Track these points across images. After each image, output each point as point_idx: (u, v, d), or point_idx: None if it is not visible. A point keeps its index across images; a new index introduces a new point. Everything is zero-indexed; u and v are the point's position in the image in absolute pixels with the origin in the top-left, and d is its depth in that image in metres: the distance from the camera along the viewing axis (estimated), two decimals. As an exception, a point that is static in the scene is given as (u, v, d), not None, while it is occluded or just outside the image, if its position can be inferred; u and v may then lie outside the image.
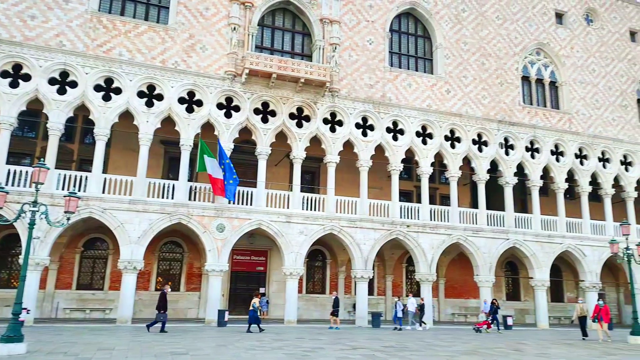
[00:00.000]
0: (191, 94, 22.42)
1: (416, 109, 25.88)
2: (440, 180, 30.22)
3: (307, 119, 24.13)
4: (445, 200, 28.62)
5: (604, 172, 29.18)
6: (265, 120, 23.41)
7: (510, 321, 24.65)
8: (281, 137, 23.75)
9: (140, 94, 21.63)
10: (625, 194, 29.42)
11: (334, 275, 28.36)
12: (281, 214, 22.66)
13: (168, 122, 22.09)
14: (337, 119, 24.64)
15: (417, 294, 25.33)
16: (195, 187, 22.10)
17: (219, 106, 22.73)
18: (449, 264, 29.56)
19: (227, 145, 22.10)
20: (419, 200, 26.24)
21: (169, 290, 18.70)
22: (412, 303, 22.52)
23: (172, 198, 21.31)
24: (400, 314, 21.95)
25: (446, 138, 26.37)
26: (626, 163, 30.04)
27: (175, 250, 25.91)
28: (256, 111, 23.33)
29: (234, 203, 22.00)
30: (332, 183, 23.79)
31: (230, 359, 10.96)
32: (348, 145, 24.66)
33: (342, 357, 11.65)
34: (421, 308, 22.86)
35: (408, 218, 24.94)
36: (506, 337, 19.69)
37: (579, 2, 31.38)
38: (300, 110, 24.10)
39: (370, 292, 26.49)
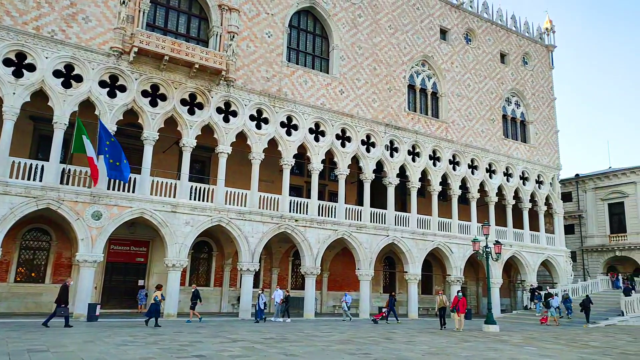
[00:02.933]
0: (69, 67, 20.44)
1: (311, 106, 26.44)
2: (329, 177, 31.23)
3: (200, 106, 23.37)
4: (333, 196, 29.68)
5: (472, 178, 32.48)
6: (154, 103, 22.19)
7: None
8: (171, 123, 22.71)
9: (7, 62, 19.22)
10: (488, 199, 33.07)
11: (219, 268, 27.90)
12: (167, 203, 21.69)
13: (40, 96, 19.91)
14: (231, 109, 24.22)
15: (284, 286, 25.91)
16: (69, 169, 20.20)
17: (102, 84, 21.05)
18: (333, 258, 30.73)
19: (110, 127, 20.54)
20: (308, 196, 26.87)
21: (71, 283, 17.61)
22: (278, 295, 22.73)
23: (41, 180, 19.26)
24: (262, 306, 21.62)
25: (337, 137, 27.32)
26: (490, 171, 33.75)
27: (41, 238, 23.46)
28: (144, 93, 22.02)
29: (126, 184, 20.78)
30: (222, 174, 23.36)
31: (97, 355, 10.25)
32: (241, 136, 24.38)
33: (221, 350, 11.54)
34: (286, 300, 23.01)
35: (297, 212, 25.41)
36: (380, 326, 21.02)
37: (461, 22, 34.47)
38: (193, 96, 23.26)
39: (256, 285, 26.55)
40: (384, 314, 24.06)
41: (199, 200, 22.75)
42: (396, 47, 30.68)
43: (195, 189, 22.87)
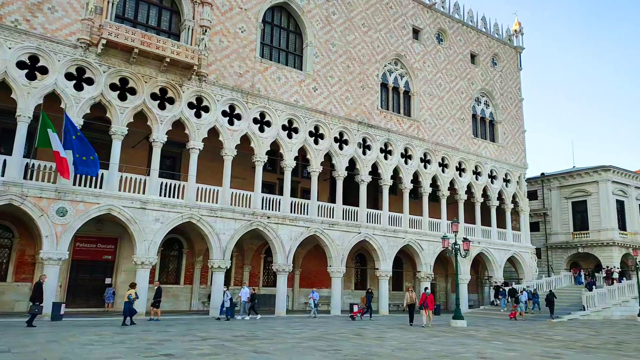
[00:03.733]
0: (34, 58, 19.76)
1: (284, 102, 26.33)
2: (302, 175, 31.20)
3: (171, 101, 22.98)
4: (306, 193, 29.68)
5: (442, 176, 33.03)
6: (123, 97, 21.69)
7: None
8: (141, 117, 22.25)
9: (-34, 51, 18.41)
10: (457, 197, 33.72)
11: (190, 265, 27.54)
12: (136, 200, 21.25)
13: (3, 88, 19.20)
14: (203, 104, 23.91)
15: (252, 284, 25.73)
16: (33, 164, 19.54)
17: (69, 76, 20.44)
18: (305, 255, 30.77)
19: (76, 121, 19.97)
20: (281, 193, 26.81)
21: (46, 280, 17.27)
22: (245, 293, 22.39)
23: (3, 175, 18.57)
24: (228, 304, 21.19)
25: (310, 134, 27.32)
26: (460, 169, 34.40)
27: (3, 235, 22.63)
28: (113, 87, 21.50)
29: (93, 180, 20.24)
30: (194, 170, 23.05)
31: (61, 355, 9.98)
32: (213, 132, 24.10)
33: (190, 349, 11.41)
34: (252, 298, 22.50)
35: (269, 209, 25.30)
36: (350, 323, 21.19)
37: (433, 22, 34.95)
38: (163, 91, 22.84)
39: (227, 283, 26.35)
40: (362, 311, 24.34)
41: (169, 196, 22.38)
42: (369, 45, 30.87)
43: (166, 185, 22.48)
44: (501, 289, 31.88)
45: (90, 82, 20.88)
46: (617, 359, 12.20)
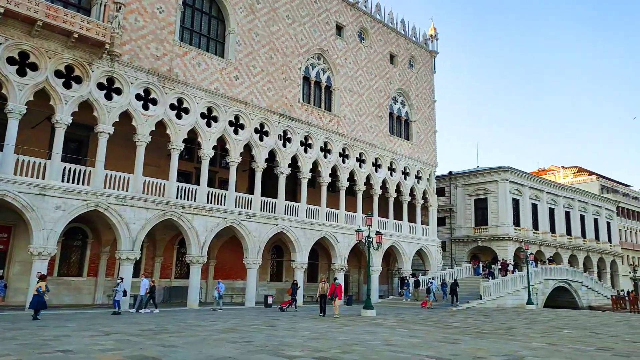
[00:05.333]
0: None
1: (204, 89, 25.58)
2: (221, 164, 30.58)
3: (78, 80, 21.37)
4: (224, 184, 29.14)
5: (359, 171, 34.07)
6: (22, 73, 19.80)
7: (270, 300, 26.70)
8: (43, 96, 20.48)
9: None
10: (373, 191, 34.99)
11: (95, 257, 25.91)
12: (34, 185, 19.55)
13: None
14: (115, 86, 22.53)
15: (149, 274, 24.95)
16: None
17: (-44, 45, 18.24)
18: (221, 246, 30.26)
19: (-36, 96, 17.91)
20: (197, 182, 26.07)
21: None
22: (143, 285, 21.16)
23: None
24: (120, 297, 20.02)
25: (230, 123, 26.83)
26: (376, 165, 35.70)
27: None
28: (11, 60, 19.56)
29: None
30: (102, 155, 21.68)
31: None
32: (126, 116, 22.81)
33: (91, 344, 10.78)
34: (151, 290, 21.44)
35: (185, 199, 24.52)
36: (262, 314, 21.24)
37: (356, 20, 35.77)
38: (70, 68, 21.17)
39: (136, 275, 25.19)
40: (290, 302, 24.63)
41: (73, 182, 20.85)
42: (293, 37, 30.88)
43: (70, 171, 20.91)
44: (406, 280, 33.78)
45: (-18, 53, 18.80)
46: (506, 342, 13.45)
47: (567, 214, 53.81)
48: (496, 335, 15.32)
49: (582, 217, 56.19)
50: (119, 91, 22.58)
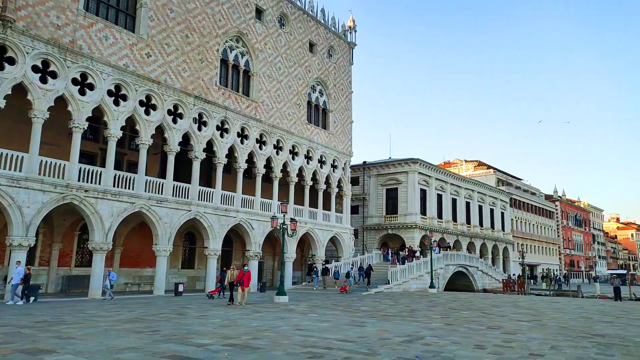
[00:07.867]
0: None
1: (111, 65, 23.90)
2: (129, 146, 28.92)
3: (-39, 45, 18.95)
4: (132, 167, 27.61)
5: (276, 158, 34.00)
6: None
7: (181, 288, 25.91)
8: None
9: None
10: (289, 179, 35.14)
11: (-19, 243, 23.35)
12: None
13: None
14: (7, 55, 20.32)
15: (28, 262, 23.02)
16: None
17: None
18: (128, 232, 28.74)
19: None
20: (103, 165, 24.43)
21: None
22: (17, 273, 19.25)
23: None
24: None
25: (141, 103, 25.41)
26: (293, 153, 35.85)
27: None
28: None
29: None
30: (-10, 131, 19.51)
31: None
32: (20, 89, 20.69)
33: (-26, 339, 9.75)
34: (26, 279, 19.49)
35: (88, 182, 22.87)
36: (172, 302, 20.59)
37: (276, 5, 35.36)
38: (-50, 31, 18.69)
39: (31, 262, 23.18)
40: (219, 289, 24.46)
41: (-46, 160, 18.56)
42: (211, 17, 29.83)
43: (-50, 147, 18.59)
44: (314, 268, 34.62)
45: None
46: (409, 324, 14.30)
47: (468, 204, 58.03)
48: (400, 317, 16.23)
49: (480, 207, 60.94)
50: (12, 61, 20.39)
